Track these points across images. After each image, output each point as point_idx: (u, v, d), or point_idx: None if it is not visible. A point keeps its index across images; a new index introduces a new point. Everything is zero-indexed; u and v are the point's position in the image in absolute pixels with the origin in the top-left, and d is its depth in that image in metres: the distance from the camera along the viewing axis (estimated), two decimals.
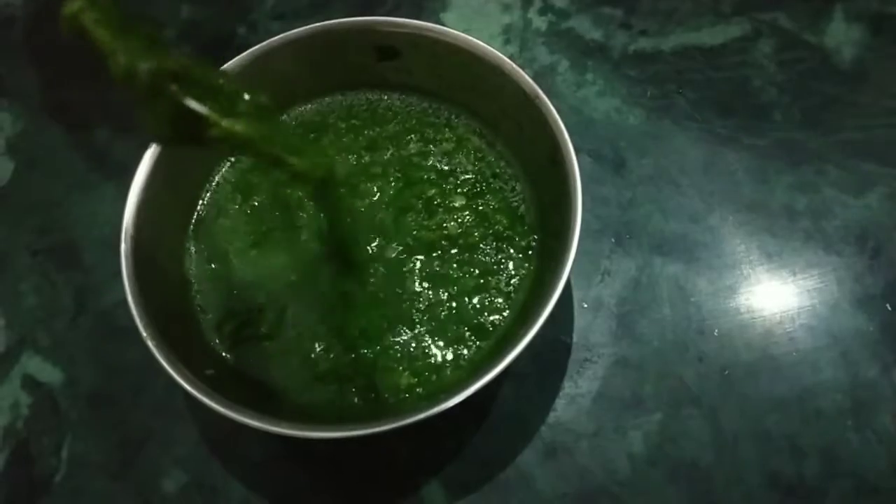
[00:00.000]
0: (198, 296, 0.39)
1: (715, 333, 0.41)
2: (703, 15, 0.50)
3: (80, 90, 0.51)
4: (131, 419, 0.40)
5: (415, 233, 0.39)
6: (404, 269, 0.39)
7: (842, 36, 0.49)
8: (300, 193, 0.41)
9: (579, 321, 0.41)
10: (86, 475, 0.39)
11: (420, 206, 0.40)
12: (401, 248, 0.39)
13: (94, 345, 0.42)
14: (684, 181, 0.45)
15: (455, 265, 0.39)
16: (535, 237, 0.39)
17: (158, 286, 0.36)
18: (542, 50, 0.50)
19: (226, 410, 0.32)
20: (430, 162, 0.41)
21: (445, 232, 0.39)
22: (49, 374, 0.42)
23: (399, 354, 0.37)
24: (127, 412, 0.41)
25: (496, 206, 0.40)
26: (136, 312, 0.34)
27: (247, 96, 0.29)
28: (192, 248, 0.40)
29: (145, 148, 0.38)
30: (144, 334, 0.33)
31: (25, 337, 0.43)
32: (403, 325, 0.37)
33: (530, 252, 0.39)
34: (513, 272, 0.38)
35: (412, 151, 0.42)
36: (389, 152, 0.42)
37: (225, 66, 0.39)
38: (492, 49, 0.39)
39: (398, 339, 0.37)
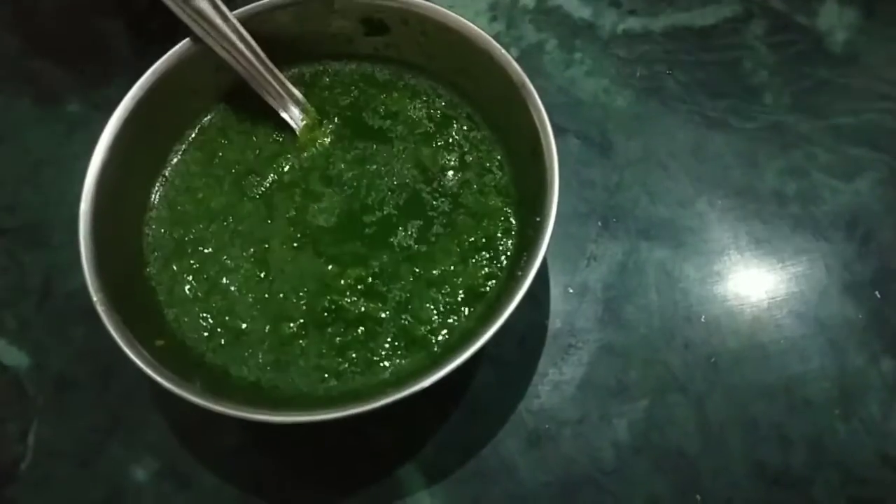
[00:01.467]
0: (152, 269, 0.38)
1: (702, 320, 0.40)
2: None
3: (51, 62, 0.49)
4: (100, 405, 0.39)
5: (391, 211, 0.38)
6: (382, 245, 0.38)
7: (834, 19, 0.48)
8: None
9: (564, 306, 0.40)
10: (53, 462, 0.38)
11: (399, 182, 0.39)
12: (379, 223, 0.38)
13: (62, 328, 0.41)
14: (672, 164, 0.44)
15: (434, 250, 0.37)
16: (515, 225, 0.38)
17: (118, 259, 0.36)
18: (530, 28, 0.49)
19: (172, 386, 0.31)
20: (414, 139, 0.40)
21: (425, 214, 0.38)
22: (15, 357, 0.40)
23: (370, 335, 0.36)
24: (96, 397, 0.39)
25: (477, 191, 0.39)
26: (89, 276, 0.33)
27: None
28: (153, 219, 0.39)
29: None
30: (95, 298, 0.33)
31: None
32: (376, 303, 0.36)
33: (510, 239, 0.38)
34: (491, 259, 0.37)
35: (396, 125, 0.41)
36: (374, 126, 0.41)
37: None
38: (482, 32, 0.38)
39: (374, 315, 0.36)
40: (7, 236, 0.44)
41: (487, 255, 0.37)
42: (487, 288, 0.36)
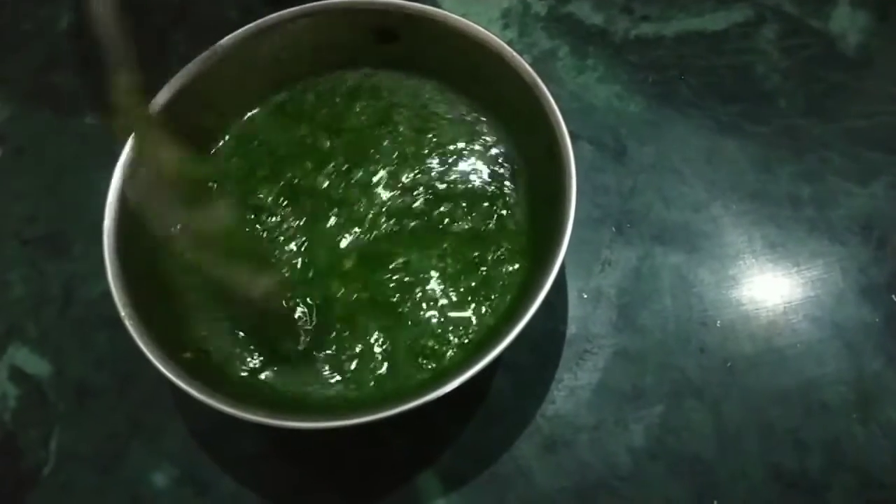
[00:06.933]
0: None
1: (717, 325, 0.40)
2: (705, 0, 0.49)
3: (70, 76, 0.50)
4: (120, 411, 0.40)
5: (403, 221, 0.39)
6: (390, 261, 0.38)
7: (847, 22, 0.48)
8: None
9: (579, 311, 0.40)
10: (74, 468, 0.39)
11: (409, 194, 0.39)
12: (385, 235, 0.38)
13: (83, 336, 0.42)
14: (686, 169, 0.44)
15: (445, 258, 0.38)
16: (528, 229, 0.38)
17: (147, 268, 0.36)
18: (542, 35, 0.49)
19: (206, 398, 0.31)
20: (423, 146, 0.41)
21: (436, 222, 0.39)
22: (37, 365, 0.41)
23: (387, 347, 0.36)
24: (116, 404, 0.40)
25: (489, 194, 0.39)
26: (116, 291, 0.33)
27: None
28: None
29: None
30: (123, 313, 0.33)
31: (13, 328, 0.42)
32: (386, 316, 0.36)
33: (524, 243, 0.38)
34: (506, 265, 0.37)
35: (404, 133, 0.41)
36: (383, 134, 0.41)
37: (214, 45, 0.38)
38: (492, 35, 0.38)
39: (383, 332, 0.36)
40: (28, 246, 0.45)
41: (503, 262, 0.37)
42: (498, 303, 0.36)
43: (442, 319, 0.36)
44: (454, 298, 0.37)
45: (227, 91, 0.40)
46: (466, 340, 0.36)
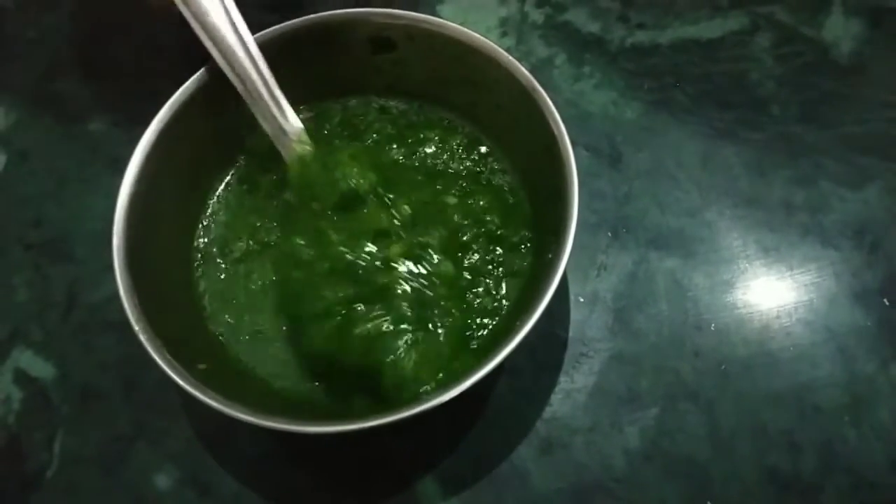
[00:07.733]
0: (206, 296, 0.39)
1: (712, 328, 0.40)
2: (700, 8, 0.50)
3: (74, 82, 0.50)
4: (124, 414, 0.40)
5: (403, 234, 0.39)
6: (396, 269, 0.38)
7: (840, 30, 0.48)
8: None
9: (575, 315, 0.41)
10: (78, 470, 0.39)
11: (409, 207, 0.39)
12: (393, 248, 0.39)
13: (87, 339, 0.42)
14: (681, 175, 0.45)
15: (447, 266, 0.38)
16: (530, 234, 0.38)
17: (156, 279, 0.36)
18: (539, 43, 0.49)
19: (217, 405, 0.31)
20: (419, 161, 0.41)
21: (436, 233, 0.39)
22: (41, 368, 0.42)
23: (397, 354, 0.36)
24: (119, 407, 0.40)
25: (489, 205, 0.39)
26: (128, 305, 0.33)
27: None
28: (202, 242, 0.40)
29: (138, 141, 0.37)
30: (136, 328, 0.33)
31: (17, 331, 0.43)
32: (400, 325, 0.37)
33: (524, 250, 0.38)
34: (507, 271, 0.38)
35: (401, 151, 0.42)
36: (380, 152, 0.42)
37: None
38: (488, 41, 0.38)
39: (396, 339, 0.37)
40: (32, 251, 0.45)
41: (501, 276, 0.38)
42: (502, 310, 0.37)
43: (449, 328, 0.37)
44: (464, 305, 0.37)
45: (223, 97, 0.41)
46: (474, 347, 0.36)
